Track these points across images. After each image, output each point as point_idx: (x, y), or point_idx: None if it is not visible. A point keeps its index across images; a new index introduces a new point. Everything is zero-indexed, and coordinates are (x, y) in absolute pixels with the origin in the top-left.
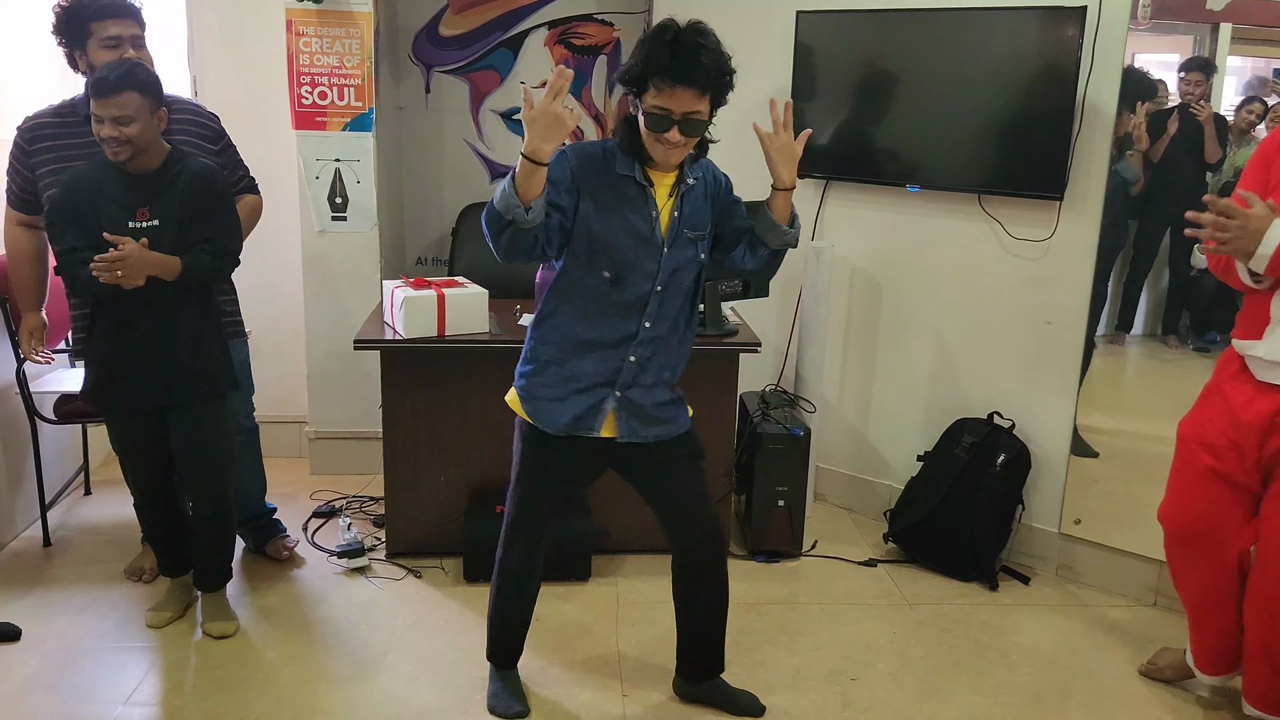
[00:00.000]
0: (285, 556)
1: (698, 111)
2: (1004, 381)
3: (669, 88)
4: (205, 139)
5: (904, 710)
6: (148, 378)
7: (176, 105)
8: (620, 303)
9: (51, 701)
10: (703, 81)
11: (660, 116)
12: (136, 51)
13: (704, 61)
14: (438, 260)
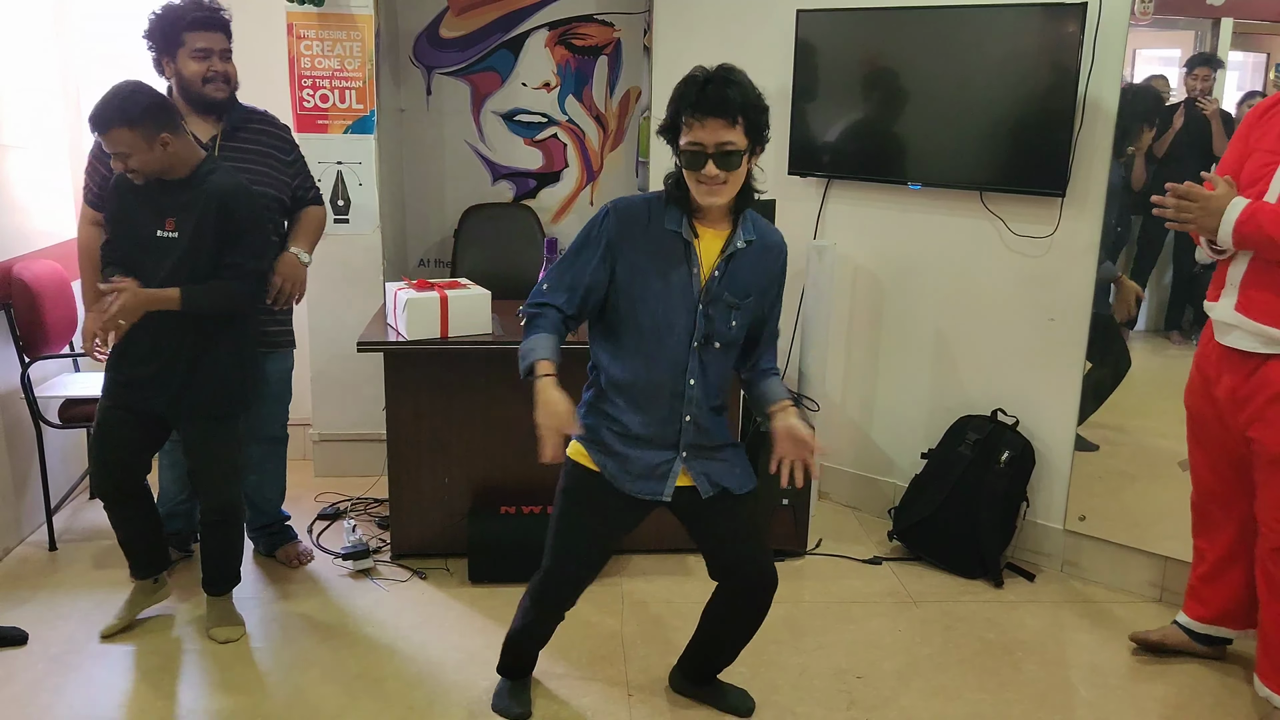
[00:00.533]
0: (295, 565)
1: (730, 142)
2: (1007, 378)
3: (699, 121)
4: (279, 149)
5: (910, 709)
6: (155, 386)
7: (255, 116)
8: (667, 360)
9: (58, 704)
10: (731, 110)
11: (694, 153)
12: (223, 64)
13: (731, 93)
14: (440, 262)
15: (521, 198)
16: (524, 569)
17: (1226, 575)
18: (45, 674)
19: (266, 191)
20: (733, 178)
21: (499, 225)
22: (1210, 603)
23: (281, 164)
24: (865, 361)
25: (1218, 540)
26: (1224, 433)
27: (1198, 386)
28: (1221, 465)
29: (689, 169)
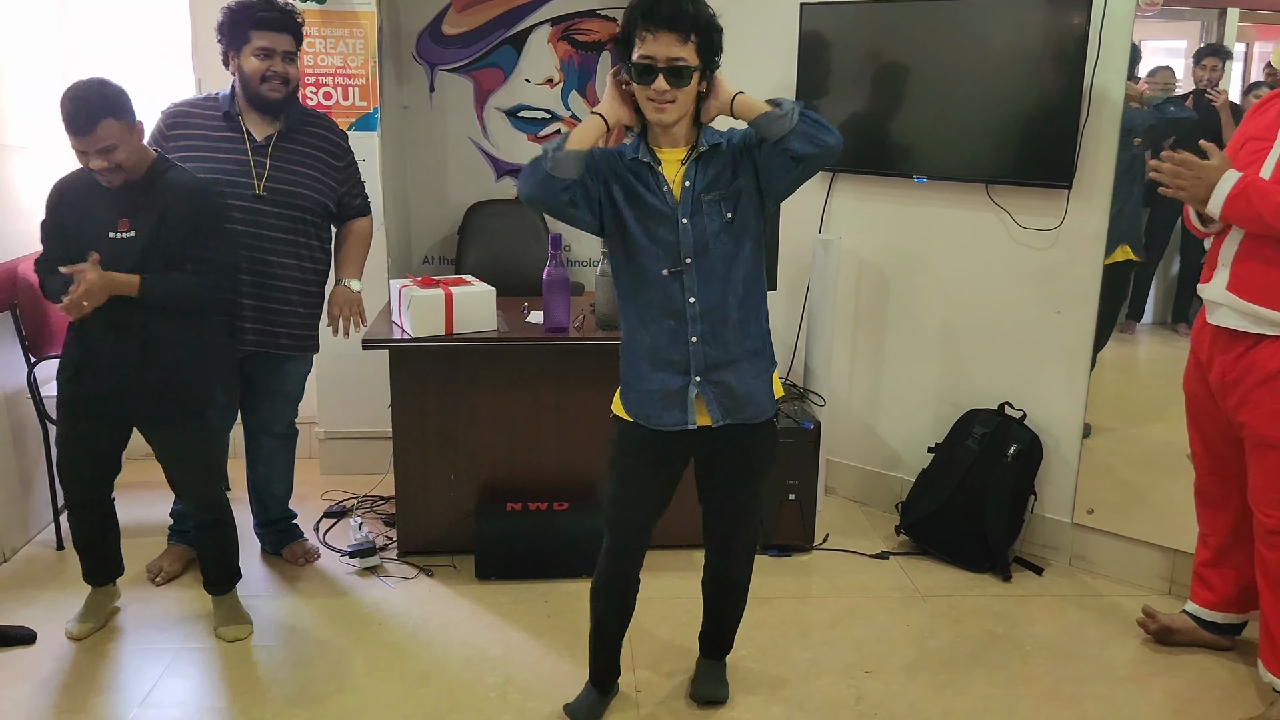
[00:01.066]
0: (302, 563)
1: (681, 58)
2: (1014, 372)
3: (650, 35)
4: (332, 154)
5: (918, 703)
6: (116, 386)
7: (313, 120)
8: (662, 282)
9: (67, 703)
10: (683, 23)
11: (645, 67)
12: (285, 65)
13: (685, 7)
14: (444, 259)
15: None
16: (531, 565)
17: (1231, 558)
18: (53, 673)
19: (309, 196)
20: (682, 95)
21: (503, 222)
22: (1217, 587)
23: (331, 169)
24: (871, 356)
25: (1219, 523)
26: (1218, 415)
27: (1193, 370)
28: (1218, 447)
29: (639, 84)
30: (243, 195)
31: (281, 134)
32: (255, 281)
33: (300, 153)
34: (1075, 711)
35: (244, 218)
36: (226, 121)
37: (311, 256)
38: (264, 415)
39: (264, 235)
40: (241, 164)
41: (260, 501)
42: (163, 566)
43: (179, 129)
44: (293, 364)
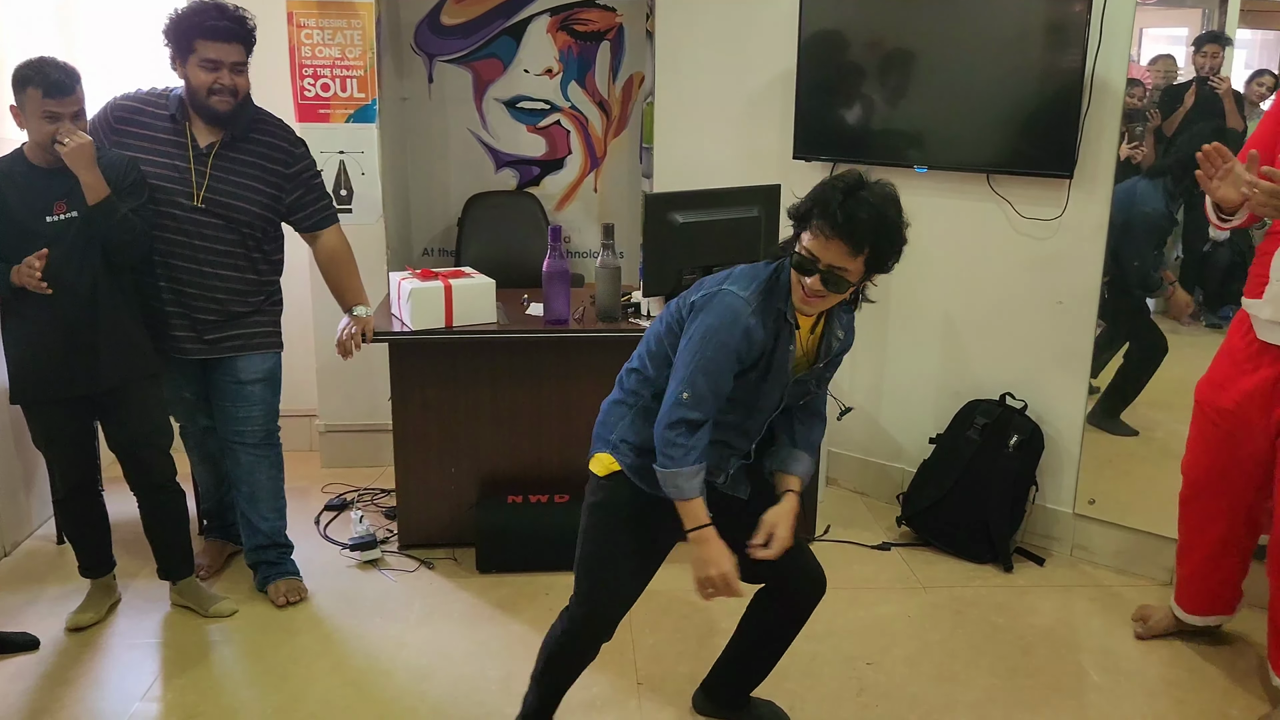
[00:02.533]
0: (283, 604)
1: (845, 269)
2: (1015, 362)
3: (824, 237)
4: (279, 161)
5: (920, 694)
6: (74, 366)
7: (261, 127)
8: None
9: (69, 698)
10: (859, 239)
11: (806, 259)
12: (234, 77)
13: (864, 218)
14: (444, 251)
15: (525, 185)
16: (531, 558)
17: (1218, 568)
18: (55, 667)
19: (248, 210)
20: (834, 297)
21: (503, 213)
22: (1201, 597)
23: (275, 177)
24: (873, 347)
25: (1208, 535)
26: (1239, 425)
27: (1220, 380)
28: (1223, 465)
29: (795, 269)
30: (181, 205)
31: (225, 142)
32: (189, 292)
33: (243, 162)
34: (1077, 702)
35: (180, 227)
36: (172, 125)
37: (254, 268)
38: (230, 418)
39: (201, 247)
40: (182, 171)
41: (249, 525)
42: (204, 563)
43: (127, 125)
44: (244, 360)
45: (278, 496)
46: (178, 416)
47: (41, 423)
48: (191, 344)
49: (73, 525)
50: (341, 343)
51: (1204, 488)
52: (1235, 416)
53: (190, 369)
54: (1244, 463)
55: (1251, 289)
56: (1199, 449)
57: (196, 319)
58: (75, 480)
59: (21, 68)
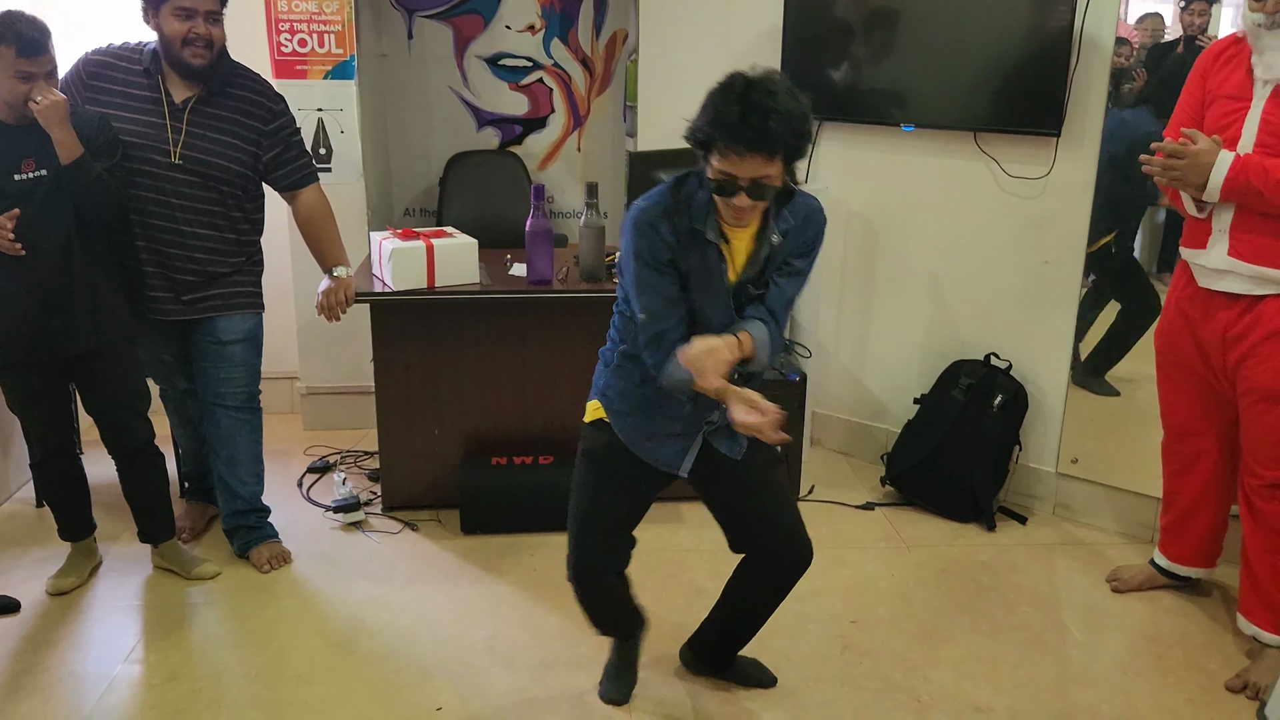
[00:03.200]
0: (266, 569)
1: (767, 176)
2: (1001, 322)
3: (736, 155)
4: (257, 118)
5: (904, 652)
6: (46, 328)
7: (238, 81)
8: None
9: (51, 660)
10: (772, 145)
11: (725, 182)
12: (209, 27)
13: (773, 126)
14: (425, 211)
15: (507, 144)
16: (516, 519)
17: (1199, 517)
18: (38, 630)
19: (227, 166)
20: (764, 203)
21: (485, 173)
22: (1185, 544)
23: (256, 134)
24: (858, 307)
25: (1190, 482)
26: (1207, 372)
27: (1177, 329)
28: (1198, 408)
29: (718, 194)
30: (157, 163)
31: (201, 97)
32: (168, 252)
33: (220, 118)
34: (1058, 658)
35: (157, 185)
36: (147, 79)
37: (234, 227)
38: (210, 380)
39: (178, 205)
40: (158, 128)
41: (228, 489)
42: (185, 525)
43: (100, 80)
44: (224, 320)
45: (257, 461)
46: (157, 379)
47: (16, 386)
48: (170, 305)
49: (51, 489)
50: (327, 306)
51: (1183, 433)
52: (1201, 362)
53: (169, 330)
54: (1217, 405)
55: (1191, 240)
56: (1171, 397)
57: (175, 280)
58: (52, 444)
59: None
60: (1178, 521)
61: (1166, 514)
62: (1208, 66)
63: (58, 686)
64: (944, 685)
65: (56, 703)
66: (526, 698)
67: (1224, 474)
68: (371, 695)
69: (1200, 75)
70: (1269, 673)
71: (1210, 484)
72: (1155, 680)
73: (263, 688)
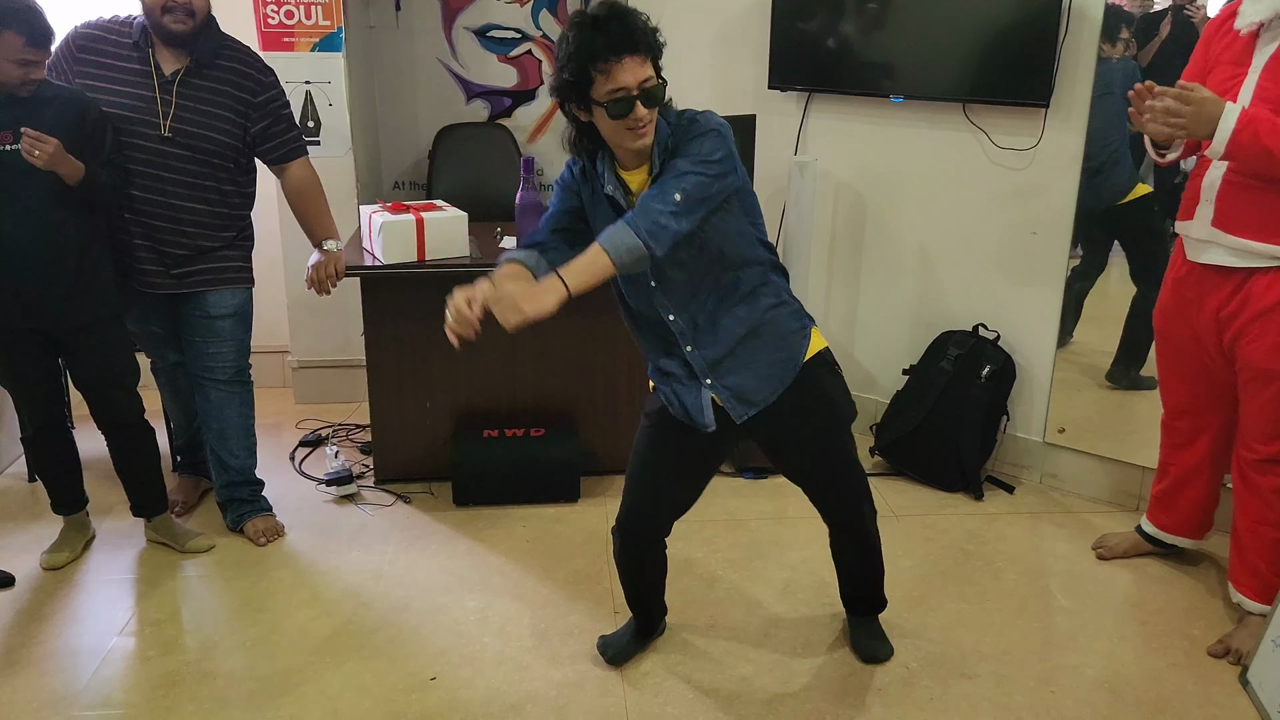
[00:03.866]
0: (263, 542)
1: (649, 77)
2: (989, 293)
3: (615, 64)
4: (246, 89)
5: (891, 618)
6: (26, 298)
7: (225, 53)
8: (640, 302)
9: (46, 633)
10: (642, 43)
11: (621, 99)
12: None
13: (633, 24)
14: (415, 184)
15: (496, 117)
16: (507, 491)
17: (1189, 489)
18: (31, 604)
19: (217, 139)
20: (655, 111)
21: (474, 145)
22: (1173, 512)
23: (242, 105)
24: (847, 278)
25: (1184, 458)
26: (1201, 353)
27: (1173, 308)
28: (1197, 388)
29: (617, 118)
30: (148, 136)
31: (189, 69)
32: (158, 226)
33: (209, 89)
34: (1044, 624)
35: (148, 159)
36: (136, 53)
37: (225, 201)
38: (200, 354)
39: (168, 179)
40: (148, 101)
41: (220, 462)
42: (179, 499)
43: (89, 54)
44: (214, 295)
45: (248, 434)
46: (147, 352)
47: (4, 361)
48: (159, 279)
49: (43, 464)
50: (318, 280)
51: (1182, 412)
52: (1196, 343)
53: (159, 303)
54: (1214, 384)
55: (1183, 213)
56: (1170, 378)
57: (165, 253)
58: (43, 419)
59: None
60: (1169, 491)
61: (1159, 483)
62: (1211, 34)
63: (53, 660)
64: (930, 652)
65: (52, 676)
66: (519, 666)
67: (1221, 449)
68: (365, 665)
69: (1205, 42)
70: (1251, 639)
71: (1206, 458)
72: (1139, 645)
73: (257, 659)
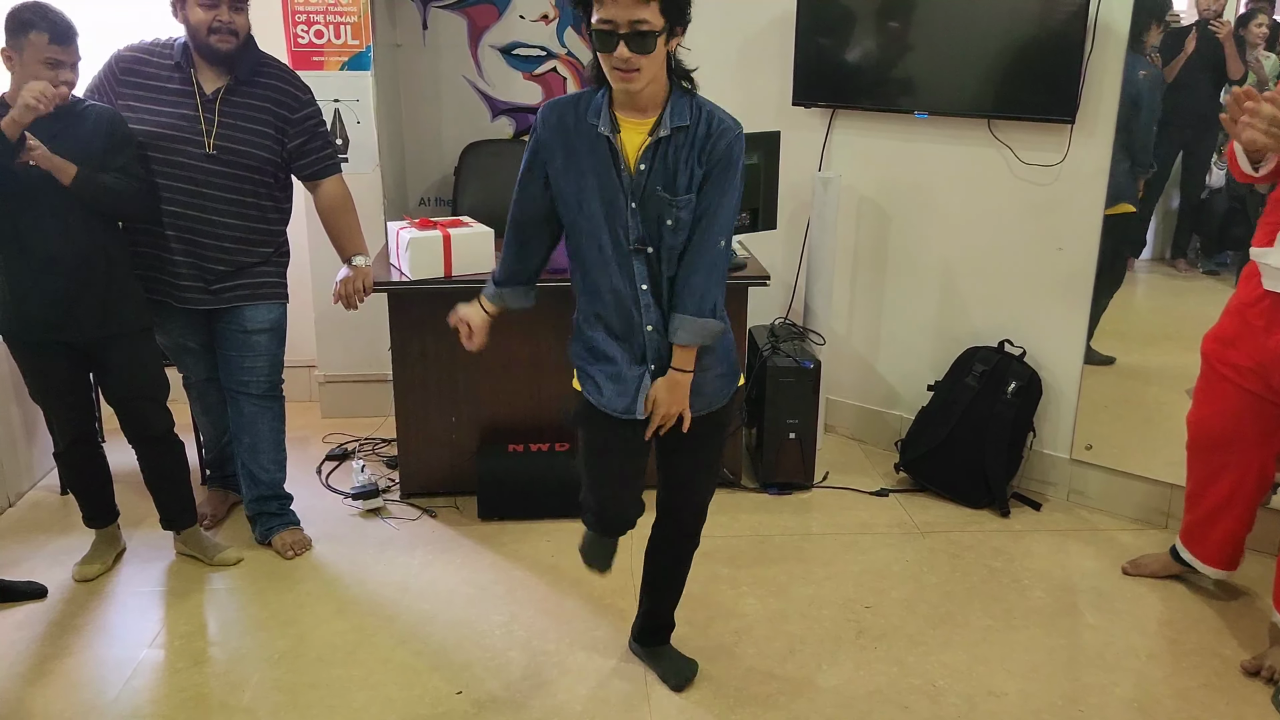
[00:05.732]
0: (290, 555)
1: (643, 20)
2: (1014, 309)
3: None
4: (286, 106)
5: (918, 636)
6: (57, 311)
7: (266, 70)
8: (612, 266)
9: (76, 645)
10: None
11: (605, 33)
12: (231, 14)
13: None
14: (441, 200)
15: (522, 133)
16: (532, 505)
17: (1222, 522)
18: (62, 615)
19: (258, 155)
20: (647, 62)
21: (500, 162)
22: (1206, 545)
23: (281, 121)
24: (871, 294)
25: (1216, 490)
26: (1258, 386)
27: (1233, 336)
28: (1242, 421)
29: (601, 51)
30: (191, 154)
31: (230, 87)
32: (201, 242)
33: (250, 106)
34: (1071, 643)
35: (190, 176)
36: (178, 73)
37: (263, 216)
38: (234, 368)
39: (210, 195)
40: (190, 119)
41: (250, 476)
42: (207, 512)
43: (132, 76)
44: (251, 310)
45: (279, 448)
46: (181, 366)
47: (37, 376)
48: (198, 294)
49: (74, 478)
50: (346, 295)
51: (1214, 443)
52: (1255, 375)
53: (196, 318)
54: (1260, 420)
55: (1261, 238)
56: (1209, 405)
57: (206, 269)
58: (74, 433)
59: (21, 10)
60: (1201, 523)
61: (1190, 512)
62: None
63: (83, 671)
64: (957, 668)
65: (82, 687)
66: (544, 680)
67: (1255, 483)
68: (391, 678)
69: None
70: None
71: (1239, 492)
72: (1169, 664)
73: (284, 671)
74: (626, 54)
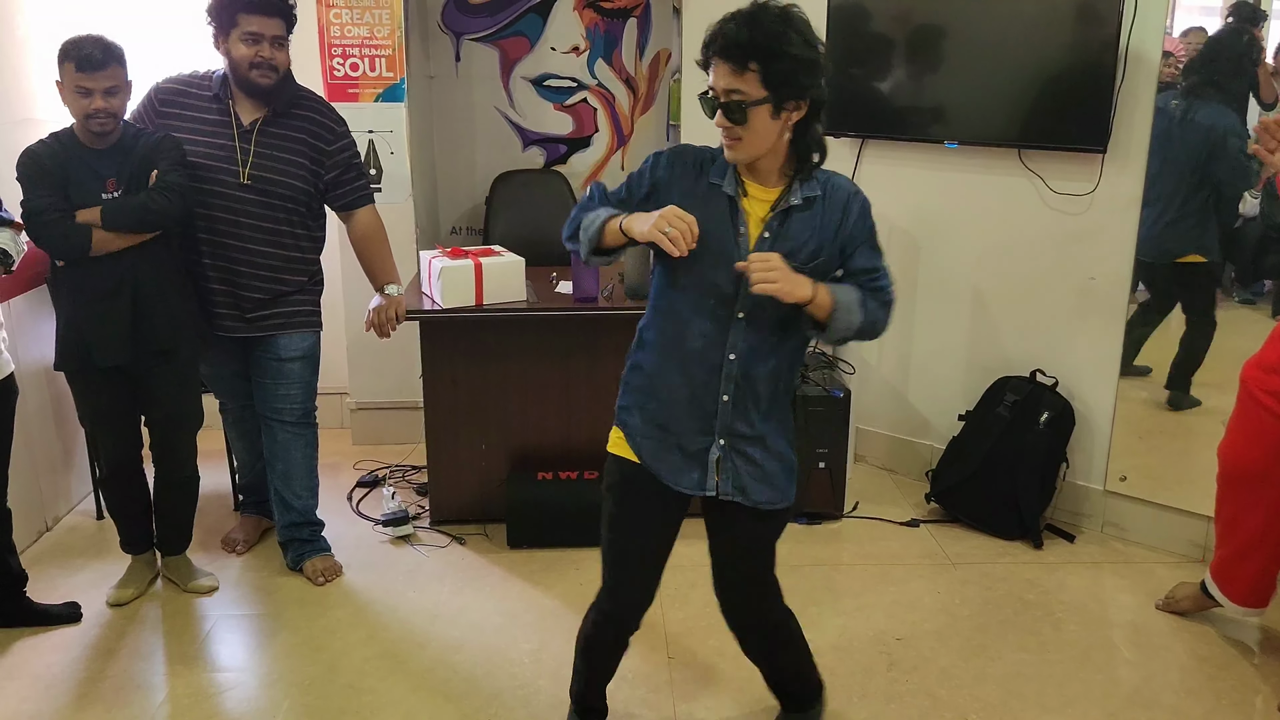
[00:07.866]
0: (321, 582)
1: (738, 91)
2: (1046, 339)
3: (712, 63)
4: (321, 138)
5: (950, 669)
6: (116, 336)
7: (303, 103)
8: (708, 324)
9: (112, 668)
10: (738, 55)
11: (706, 99)
12: (274, 50)
13: (745, 35)
14: (472, 229)
15: (552, 164)
16: (561, 533)
17: (1251, 560)
18: (96, 639)
19: (293, 185)
20: (747, 133)
21: (530, 192)
22: (1236, 583)
23: (317, 153)
24: (901, 322)
25: (1246, 524)
26: None
27: (1274, 362)
28: (1275, 456)
29: (708, 114)
30: (227, 184)
31: (267, 119)
32: (238, 271)
33: (286, 138)
34: (1107, 677)
35: (227, 205)
36: (216, 104)
37: (297, 245)
38: (269, 395)
39: (246, 224)
40: (227, 150)
41: (283, 502)
42: (240, 538)
43: (172, 107)
44: (285, 338)
45: (311, 475)
46: (218, 393)
47: (89, 398)
48: (234, 322)
49: (116, 504)
50: (378, 324)
51: (1245, 477)
52: None
53: (233, 346)
54: None
55: None
56: (1244, 436)
57: (242, 297)
58: (119, 459)
59: (63, 43)
60: (1231, 560)
61: (1220, 548)
62: None
63: (118, 694)
64: (990, 702)
65: (117, 711)
66: None
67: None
68: (421, 705)
69: None
70: None
71: (1270, 529)
72: (1208, 701)
73: (315, 697)
74: (724, 122)
